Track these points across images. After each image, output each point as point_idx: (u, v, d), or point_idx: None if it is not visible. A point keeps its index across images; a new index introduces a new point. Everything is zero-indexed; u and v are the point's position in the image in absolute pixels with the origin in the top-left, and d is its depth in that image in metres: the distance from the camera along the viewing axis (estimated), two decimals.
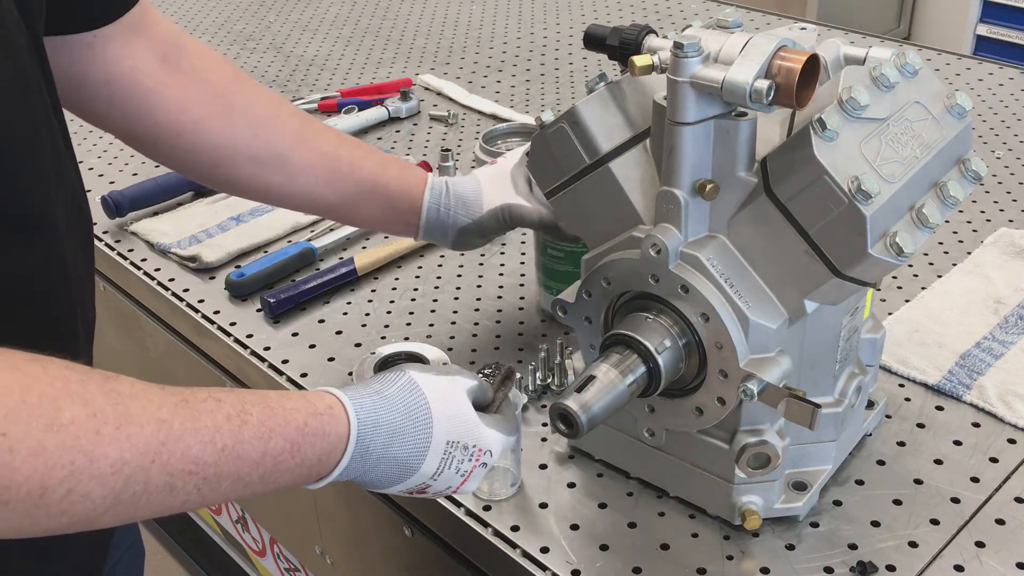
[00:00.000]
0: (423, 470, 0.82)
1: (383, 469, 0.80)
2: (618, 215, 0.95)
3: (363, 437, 0.78)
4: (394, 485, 0.83)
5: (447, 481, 0.85)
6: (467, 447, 0.85)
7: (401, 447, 0.80)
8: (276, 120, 1.08)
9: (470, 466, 0.85)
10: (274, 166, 1.07)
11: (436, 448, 0.82)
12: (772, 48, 0.81)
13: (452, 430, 0.83)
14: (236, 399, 0.71)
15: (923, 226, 0.85)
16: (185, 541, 2.09)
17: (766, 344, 0.90)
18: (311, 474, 0.76)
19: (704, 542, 0.98)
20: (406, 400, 0.81)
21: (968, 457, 1.07)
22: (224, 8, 2.60)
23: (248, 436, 0.70)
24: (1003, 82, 1.94)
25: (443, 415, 0.83)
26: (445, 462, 0.83)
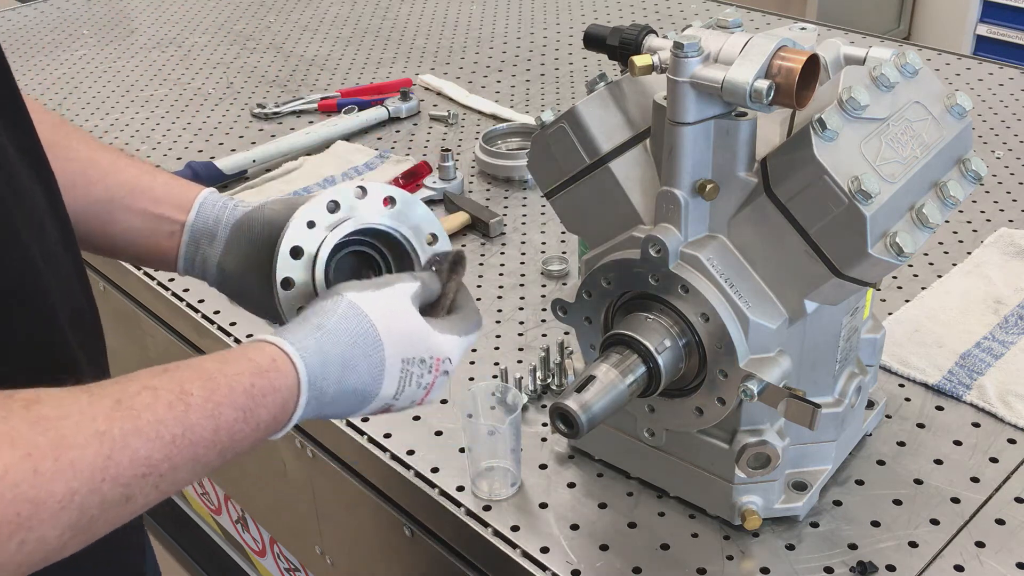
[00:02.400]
0: (382, 393, 0.79)
1: (342, 403, 0.77)
2: (618, 215, 0.95)
3: (315, 380, 0.74)
4: (355, 412, 0.79)
5: (410, 397, 0.81)
6: (424, 360, 0.80)
7: (356, 378, 0.76)
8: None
9: (431, 378, 0.81)
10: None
11: (391, 370, 0.78)
12: (772, 48, 0.81)
13: (405, 347, 0.79)
14: (172, 382, 0.67)
15: (923, 226, 0.85)
16: (185, 541, 2.09)
17: (766, 344, 0.90)
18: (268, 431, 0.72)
19: (704, 542, 0.98)
20: (350, 329, 0.76)
21: (968, 457, 1.07)
22: (224, 8, 2.60)
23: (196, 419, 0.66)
24: (1003, 82, 1.94)
25: (392, 333, 0.78)
26: (404, 380, 0.79)
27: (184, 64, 2.24)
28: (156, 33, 2.44)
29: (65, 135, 0.95)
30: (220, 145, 1.86)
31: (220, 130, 1.92)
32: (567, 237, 1.50)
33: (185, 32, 2.44)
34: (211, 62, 2.25)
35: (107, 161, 0.96)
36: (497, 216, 1.53)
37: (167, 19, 2.54)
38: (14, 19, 2.57)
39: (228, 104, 2.03)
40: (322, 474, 1.26)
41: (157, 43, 2.38)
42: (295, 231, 0.85)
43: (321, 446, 1.23)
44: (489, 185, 1.67)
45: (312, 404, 0.74)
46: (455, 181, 1.62)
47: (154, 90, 2.11)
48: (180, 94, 2.09)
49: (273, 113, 1.96)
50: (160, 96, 2.08)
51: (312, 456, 1.25)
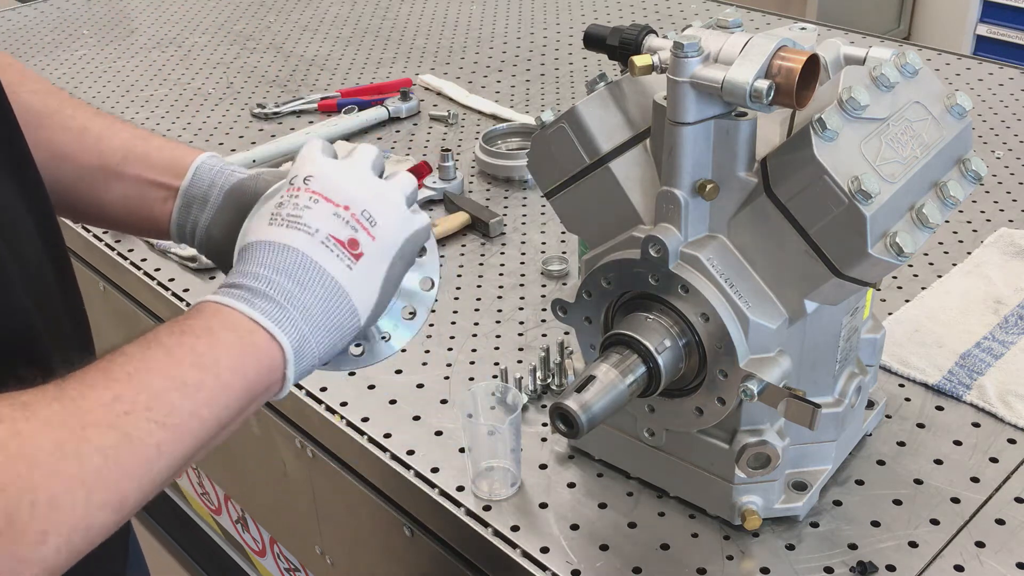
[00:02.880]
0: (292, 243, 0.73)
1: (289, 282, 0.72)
2: (618, 215, 0.95)
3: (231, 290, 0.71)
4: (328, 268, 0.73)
5: (321, 215, 0.74)
6: (280, 202, 0.75)
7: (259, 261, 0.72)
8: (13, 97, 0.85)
9: (304, 196, 0.75)
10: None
11: (269, 232, 0.74)
12: (772, 48, 0.81)
13: (259, 220, 0.75)
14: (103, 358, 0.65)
15: (923, 226, 0.85)
16: (185, 541, 2.09)
17: (766, 344, 0.90)
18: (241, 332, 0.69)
19: (704, 542, 0.98)
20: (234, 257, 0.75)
21: (968, 457, 1.07)
22: (224, 8, 2.60)
23: (137, 354, 0.64)
24: (1003, 82, 1.94)
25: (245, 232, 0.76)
26: (290, 223, 0.74)
27: (184, 64, 2.24)
28: (156, 33, 2.44)
29: (59, 103, 0.93)
30: (220, 145, 1.86)
31: (220, 130, 1.92)
32: (567, 237, 1.50)
33: (185, 32, 2.44)
34: (211, 62, 2.25)
35: (100, 127, 0.93)
36: (497, 216, 1.53)
37: (167, 19, 2.54)
38: (14, 19, 2.57)
39: (228, 104, 2.03)
40: (322, 474, 1.26)
41: (157, 43, 2.38)
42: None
43: (321, 446, 1.23)
44: (489, 185, 1.67)
45: (251, 296, 0.70)
46: (455, 181, 1.62)
47: (154, 90, 2.11)
48: (180, 94, 2.09)
49: (273, 113, 1.96)
50: (160, 96, 2.08)
51: (312, 456, 1.25)
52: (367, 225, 0.75)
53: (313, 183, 0.76)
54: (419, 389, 1.20)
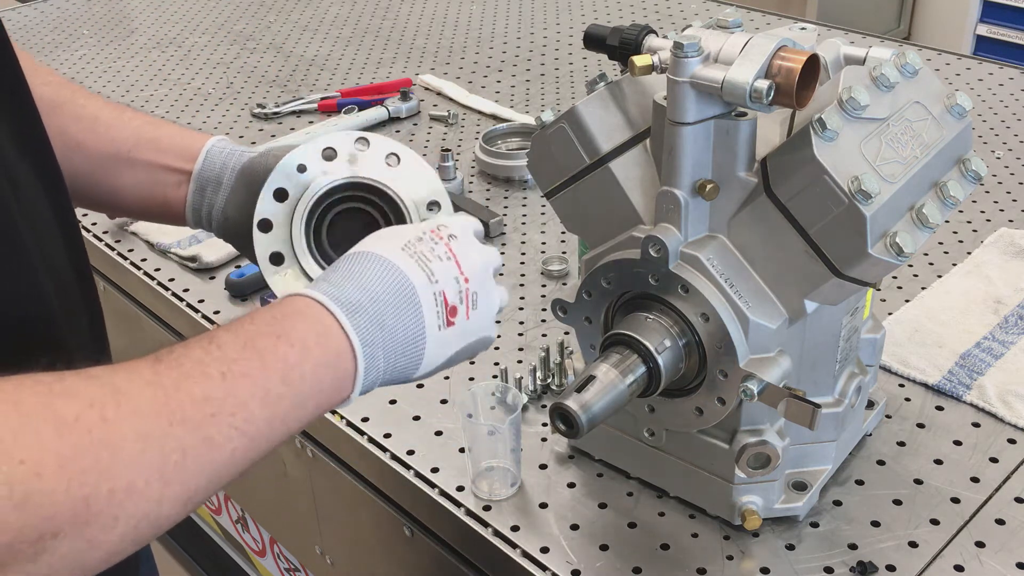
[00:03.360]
0: (414, 279, 0.75)
1: (388, 310, 0.73)
2: (618, 215, 0.95)
3: (334, 295, 0.71)
4: (423, 317, 0.75)
5: (446, 272, 0.77)
6: (421, 238, 0.77)
7: (374, 280, 0.74)
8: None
9: (443, 245, 0.78)
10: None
11: (397, 256, 0.75)
12: (772, 48, 0.81)
13: (391, 240, 0.77)
14: (201, 336, 0.66)
15: (923, 226, 0.85)
16: (185, 541, 2.09)
17: (766, 344, 0.90)
18: (330, 355, 0.70)
19: (704, 542, 0.98)
20: (341, 263, 0.76)
21: (968, 457, 1.07)
22: (224, 8, 2.60)
23: (234, 354, 0.65)
24: (1003, 82, 1.94)
25: (374, 242, 0.77)
26: (421, 261, 0.76)
27: (184, 64, 2.24)
28: (156, 33, 2.44)
29: (71, 93, 0.94)
30: None
31: (220, 130, 1.92)
32: (567, 237, 1.50)
33: (185, 32, 2.44)
34: (211, 62, 2.25)
35: (111, 115, 0.94)
36: (497, 216, 1.53)
37: (167, 19, 2.54)
38: (14, 19, 2.57)
39: (228, 104, 2.03)
40: (322, 474, 1.26)
41: (157, 43, 2.38)
42: (282, 173, 0.82)
43: (321, 446, 1.23)
44: (489, 185, 1.67)
45: (357, 316, 0.71)
46: (455, 181, 1.62)
47: (154, 90, 2.11)
48: (180, 94, 2.09)
49: (273, 113, 1.96)
50: (160, 96, 2.08)
51: (312, 456, 1.25)
52: (470, 304, 0.79)
53: (455, 244, 0.79)
54: (419, 389, 1.20)
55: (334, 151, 0.83)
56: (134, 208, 0.95)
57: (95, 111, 0.94)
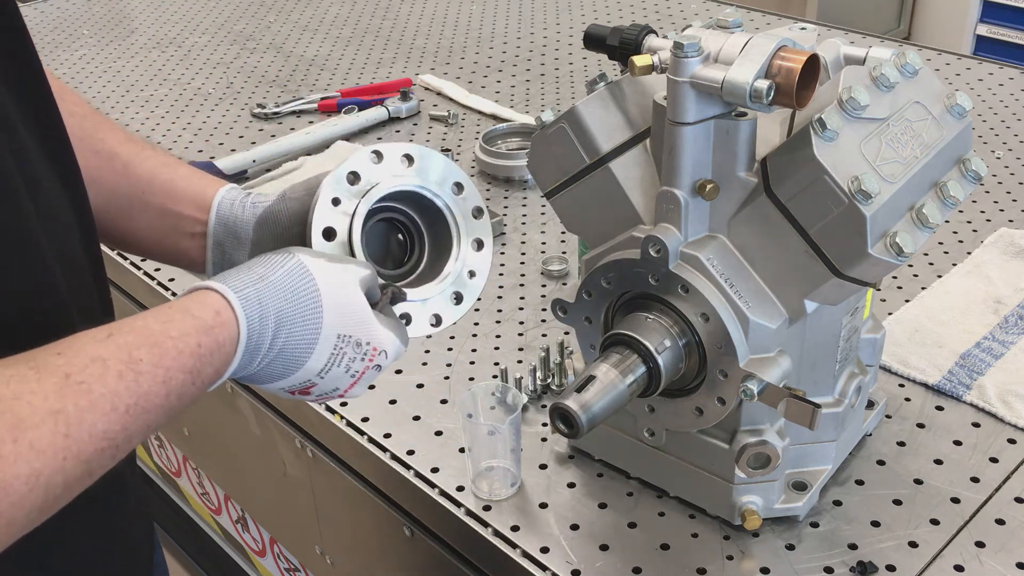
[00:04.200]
0: (309, 365, 0.76)
1: (269, 364, 0.75)
2: (618, 215, 0.95)
3: (253, 335, 0.72)
4: (277, 381, 0.77)
5: (335, 381, 0.78)
6: (360, 344, 0.77)
7: (288, 338, 0.74)
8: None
9: (362, 366, 0.79)
10: None
11: (326, 341, 0.76)
12: (772, 48, 0.81)
13: (344, 323, 0.76)
14: (120, 350, 0.66)
15: (923, 226, 0.85)
16: (185, 541, 2.09)
17: (766, 344, 0.90)
18: (208, 385, 0.72)
19: (704, 542, 0.98)
20: (294, 286, 0.75)
21: (968, 457, 1.07)
22: (224, 8, 2.60)
23: (147, 387, 0.65)
24: (1003, 82, 1.94)
25: (334, 306, 0.76)
26: (335, 358, 0.77)
27: (184, 64, 2.24)
28: (156, 33, 2.44)
29: (94, 126, 0.94)
30: (220, 145, 1.86)
31: (220, 130, 1.92)
32: (567, 237, 1.50)
33: (185, 32, 2.44)
34: (211, 62, 2.25)
35: (129, 153, 0.94)
36: (497, 216, 1.53)
37: (167, 19, 2.54)
38: None
39: (228, 104, 2.03)
40: (322, 474, 1.26)
41: (157, 43, 2.38)
42: (322, 213, 0.82)
43: (321, 446, 1.23)
44: (489, 185, 1.67)
45: (245, 359, 0.73)
46: None
47: (154, 90, 2.11)
48: (180, 94, 2.09)
49: (273, 113, 1.96)
50: (160, 96, 2.08)
51: (312, 456, 1.25)
52: (320, 399, 0.83)
53: (371, 371, 0.81)
54: (419, 389, 1.20)
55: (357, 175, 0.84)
56: (151, 250, 0.95)
57: (113, 147, 0.93)
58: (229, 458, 1.58)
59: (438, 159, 0.86)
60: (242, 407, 1.39)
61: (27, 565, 0.78)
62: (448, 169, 0.87)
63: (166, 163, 0.94)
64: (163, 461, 1.96)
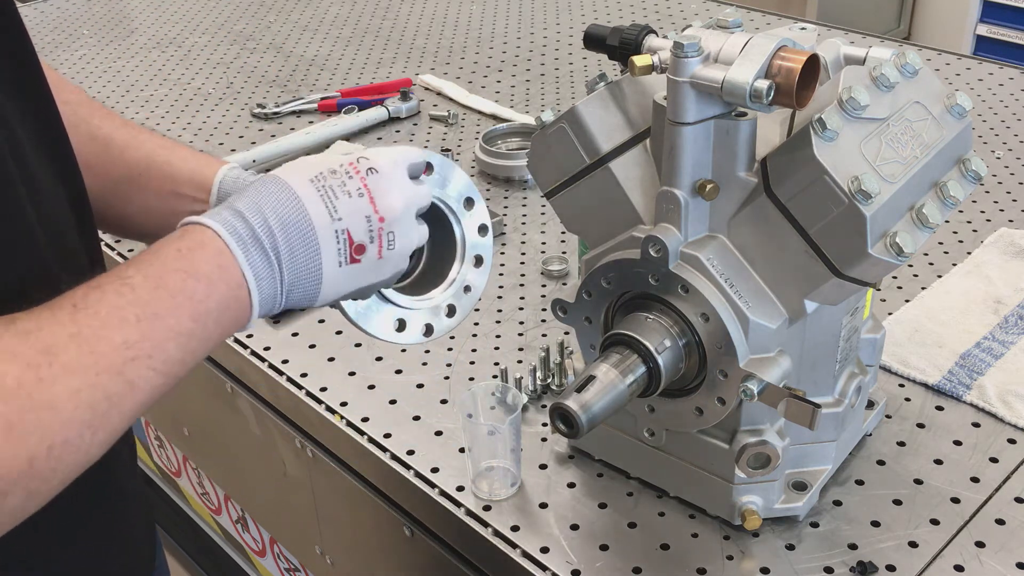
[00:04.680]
0: (313, 215, 0.73)
1: (282, 243, 0.72)
2: (618, 215, 0.95)
3: (229, 223, 0.71)
4: (321, 254, 0.73)
5: (354, 209, 0.74)
6: (335, 170, 0.75)
7: (270, 210, 0.72)
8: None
9: (357, 181, 0.75)
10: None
11: (302, 187, 0.73)
12: (772, 48, 0.81)
13: (304, 170, 0.75)
14: (110, 275, 0.68)
15: (923, 226, 0.85)
16: (185, 541, 2.09)
17: (766, 344, 0.90)
18: (232, 288, 0.71)
19: (704, 542, 0.98)
20: (250, 188, 0.75)
21: (968, 457, 1.07)
22: (224, 8, 2.60)
23: (146, 295, 0.67)
24: (1003, 82, 1.94)
25: (286, 170, 0.76)
26: (326, 196, 0.73)
27: (184, 64, 2.24)
28: (156, 33, 2.44)
29: (89, 113, 0.94)
30: (220, 145, 1.86)
31: (220, 130, 1.92)
32: (567, 237, 1.50)
33: (185, 32, 2.44)
34: (211, 62, 2.25)
35: (126, 137, 0.94)
36: (497, 216, 1.53)
37: (167, 19, 2.54)
38: None
39: (228, 104, 2.03)
40: (322, 474, 1.26)
41: (157, 43, 2.38)
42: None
43: (321, 446, 1.23)
44: (489, 185, 1.67)
45: (251, 250, 0.71)
46: None
47: (154, 90, 2.11)
48: (180, 94, 2.09)
49: (273, 113, 1.96)
50: (160, 96, 2.08)
51: (312, 456, 1.25)
52: (384, 243, 0.76)
53: (373, 179, 0.76)
54: (419, 389, 1.20)
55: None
56: (147, 233, 0.95)
57: (110, 132, 0.94)
58: (229, 458, 1.58)
59: (459, 173, 0.86)
60: (242, 407, 1.39)
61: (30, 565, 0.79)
62: (465, 184, 0.86)
63: (164, 145, 0.95)
64: (163, 461, 1.96)
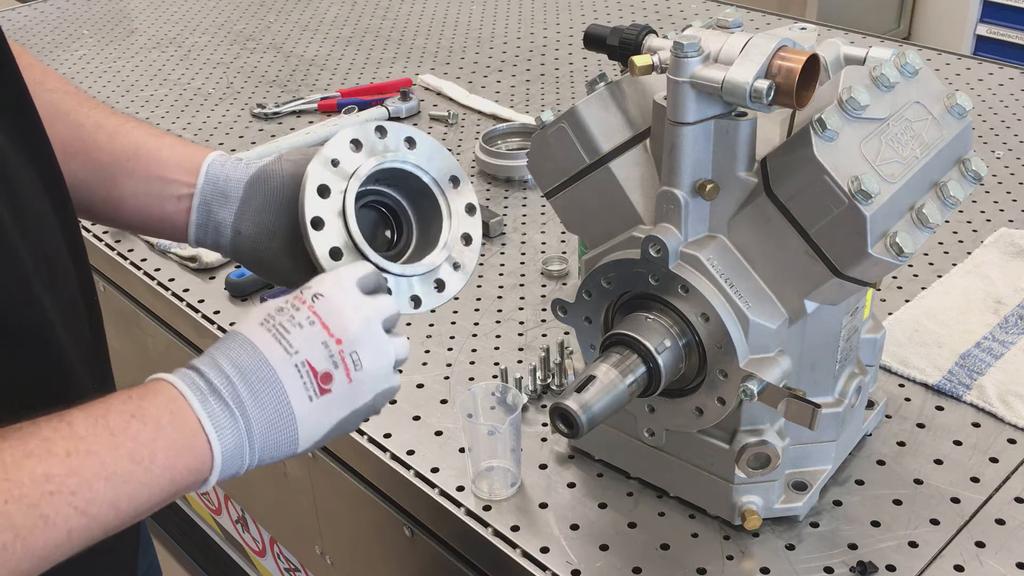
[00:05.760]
0: (270, 356, 0.71)
1: (244, 390, 0.70)
2: (618, 215, 0.95)
3: (186, 375, 0.70)
4: (287, 394, 0.72)
5: (309, 339, 0.72)
6: (281, 308, 0.73)
7: (226, 360, 0.71)
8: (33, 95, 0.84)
9: (306, 311, 0.73)
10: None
11: (254, 333, 0.72)
12: (772, 48, 0.81)
13: (254, 317, 0.74)
14: (52, 416, 0.65)
15: (923, 226, 0.85)
16: (185, 541, 2.09)
17: (766, 344, 0.90)
18: (185, 436, 0.68)
19: (704, 542, 0.98)
20: (212, 346, 0.74)
21: (968, 457, 1.07)
22: (224, 8, 2.60)
23: (83, 431, 0.64)
24: (1003, 82, 1.94)
25: (240, 323, 0.74)
26: (278, 334, 0.72)
27: (184, 64, 2.24)
28: (156, 33, 2.44)
29: (76, 102, 0.93)
30: (220, 145, 1.86)
31: (220, 130, 1.92)
32: (567, 237, 1.50)
33: (185, 32, 2.44)
34: (211, 62, 2.25)
35: (113, 125, 0.92)
36: (497, 216, 1.53)
37: (167, 19, 2.54)
38: (14, 19, 2.57)
39: (228, 104, 2.03)
40: (322, 474, 1.26)
41: (157, 43, 2.38)
42: (319, 170, 0.81)
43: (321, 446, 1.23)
44: (489, 185, 1.67)
45: (210, 400, 0.70)
46: None
47: (154, 90, 2.11)
48: (180, 94, 2.09)
49: (273, 113, 1.96)
50: (160, 96, 2.08)
51: (312, 456, 1.25)
52: (350, 365, 0.74)
53: (321, 304, 0.74)
54: (419, 389, 1.20)
55: (360, 142, 0.83)
56: (133, 220, 0.93)
57: (98, 120, 0.92)
58: None
59: (441, 149, 0.87)
60: None
61: None
62: (448, 161, 0.87)
63: (152, 133, 0.93)
64: None
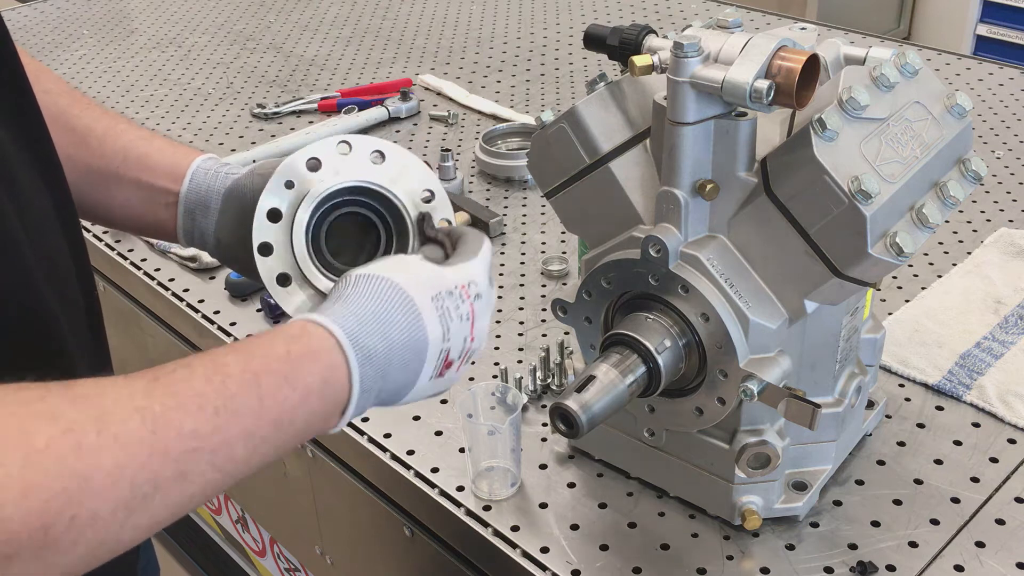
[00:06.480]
0: (431, 337, 0.74)
1: (397, 361, 0.73)
2: (618, 215, 0.95)
3: (355, 336, 0.70)
4: (421, 371, 0.75)
5: (460, 333, 0.77)
6: (451, 292, 0.77)
7: (398, 330, 0.73)
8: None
9: (467, 307, 0.78)
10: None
11: (427, 311, 0.74)
12: (772, 48, 0.81)
13: (427, 286, 0.76)
14: (206, 357, 0.65)
15: (923, 226, 0.85)
16: (185, 541, 2.09)
17: (766, 344, 0.90)
18: (328, 404, 0.69)
19: (704, 542, 0.98)
20: (371, 290, 0.74)
21: (968, 457, 1.07)
22: (224, 8, 2.60)
23: (236, 389, 0.64)
24: (1003, 82, 1.94)
25: (410, 280, 0.75)
26: (444, 318, 0.76)
27: (184, 64, 2.24)
28: (156, 33, 2.44)
29: (68, 103, 0.94)
30: (220, 145, 1.86)
31: (220, 130, 1.92)
32: (567, 237, 1.50)
33: (185, 32, 2.44)
34: (211, 62, 2.25)
35: (104, 128, 0.93)
36: (497, 216, 1.53)
37: (167, 19, 2.54)
38: (14, 19, 2.57)
39: (228, 104, 2.03)
40: (322, 474, 1.26)
41: (157, 43, 2.38)
42: (271, 194, 0.80)
43: (321, 446, 1.23)
44: (489, 185, 1.67)
45: (367, 367, 0.71)
46: (455, 181, 1.62)
47: (154, 90, 2.11)
48: (180, 94, 2.09)
49: (273, 113, 1.96)
50: (160, 96, 2.08)
51: (312, 456, 1.25)
52: (466, 361, 0.81)
53: (478, 305, 0.79)
54: None
55: (318, 160, 0.81)
56: (127, 224, 0.95)
57: (89, 123, 0.93)
58: None
59: (412, 162, 0.84)
60: None
61: None
62: (421, 175, 0.84)
63: (142, 136, 0.94)
64: None
